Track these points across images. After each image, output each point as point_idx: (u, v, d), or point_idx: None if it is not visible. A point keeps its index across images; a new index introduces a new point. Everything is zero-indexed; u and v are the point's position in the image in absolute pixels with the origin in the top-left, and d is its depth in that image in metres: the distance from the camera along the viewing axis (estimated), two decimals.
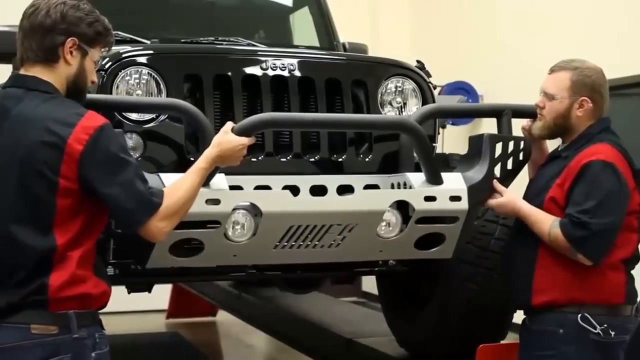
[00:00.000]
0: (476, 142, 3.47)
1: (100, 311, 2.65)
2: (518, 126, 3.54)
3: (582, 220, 2.99)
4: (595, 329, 3.06)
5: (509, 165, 3.43)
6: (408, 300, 4.30)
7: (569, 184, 3.10)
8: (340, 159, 3.67)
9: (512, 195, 3.30)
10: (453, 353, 4.02)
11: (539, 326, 3.17)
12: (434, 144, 3.83)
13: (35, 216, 2.46)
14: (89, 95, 2.80)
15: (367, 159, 3.70)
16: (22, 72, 2.61)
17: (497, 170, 3.44)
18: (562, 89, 3.17)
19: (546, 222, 3.10)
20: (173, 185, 2.66)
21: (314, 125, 3.49)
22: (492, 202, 3.33)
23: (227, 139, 2.83)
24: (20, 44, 2.61)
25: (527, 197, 3.29)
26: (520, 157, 3.44)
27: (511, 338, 4.01)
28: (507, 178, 3.45)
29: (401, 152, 3.56)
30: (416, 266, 3.91)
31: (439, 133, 3.92)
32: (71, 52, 2.58)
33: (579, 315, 3.08)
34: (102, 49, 2.69)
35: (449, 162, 3.80)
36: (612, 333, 3.08)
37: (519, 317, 3.82)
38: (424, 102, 3.85)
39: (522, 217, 3.21)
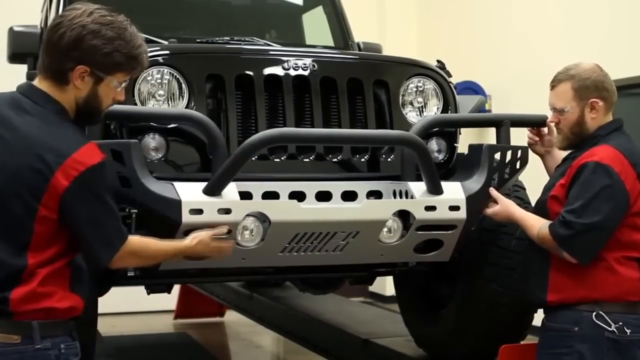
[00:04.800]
0: (475, 152, 3.60)
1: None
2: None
3: (567, 219, 3.07)
4: (610, 326, 3.08)
5: (506, 174, 3.60)
6: (428, 300, 4.30)
7: (568, 184, 3.17)
8: (362, 160, 3.70)
9: (507, 202, 3.43)
10: (473, 353, 4.02)
11: (555, 324, 3.20)
12: (455, 144, 3.86)
13: (12, 235, 2.40)
14: None
15: (389, 159, 3.72)
16: (35, 82, 2.52)
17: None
18: (568, 100, 3.24)
19: (535, 226, 3.21)
20: (152, 243, 2.66)
21: (320, 141, 3.55)
22: (489, 211, 3.47)
23: (206, 241, 2.88)
24: (40, 52, 2.53)
25: (540, 196, 3.38)
26: (517, 166, 3.62)
27: (528, 340, 4.02)
28: (503, 185, 3.60)
29: (403, 161, 3.62)
30: (437, 267, 3.92)
31: (460, 133, 3.91)
32: (82, 78, 2.47)
33: (594, 313, 3.10)
34: (127, 76, 2.56)
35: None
36: (628, 331, 3.09)
37: (538, 318, 3.82)
38: (445, 102, 3.87)
39: (516, 223, 3.36)
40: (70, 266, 2.50)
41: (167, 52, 3.56)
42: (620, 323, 3.09)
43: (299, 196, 3.36)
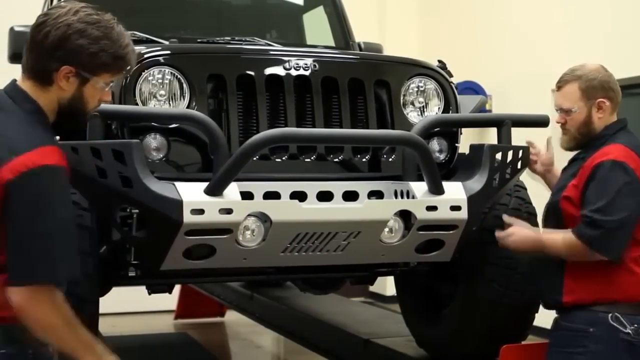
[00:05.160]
0: (477, 152, 3.60)
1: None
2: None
3: (595, 218, 3.05)
4: (626, 328, 3.08)
5: (507, 174, 3.61)
6: (429, 300, 4.30)
7: (583, 185, 3.15)
8: (363, 160, 3.70)
9: (521, 225, 3.38)
10: (474, 353, 4.02)
11: (570, 324, 3.19)
12: (456, 144, 3.86)
13: None
14: (102, 106, 2.70)
15: (390, 159, 3.72)
16: (19, 81, 2.39)
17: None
18: (575, 100, 3.25)
19: (557, 238, 3.16)
20: (82, 325, 2.36)
21: (321, 142, 3.54)
22: (508, 241, 3.37)
23: None
24: (24, 51, 2.39)
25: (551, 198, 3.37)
26: (518, 166, 3.62)
27: (529, 340, 4.02)
28: (505, 185, 3.61)
29: (404, 161, 3.63)
30: (438, 267, 3.92)
31: (461, 133, 3.91)
32: (67, 78, 2.33)
33: (610, 315, 3.10)
34: (113, 76, 2.43)
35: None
36: None
37: (539, 319, 3.82)
38: (446, 102, 3.87)
39: (535, 245, 3.26)
40: None
41: (168, 52, 3.56)
42: (636, 325, 3.08)
43: (300, 196, 3.36)
